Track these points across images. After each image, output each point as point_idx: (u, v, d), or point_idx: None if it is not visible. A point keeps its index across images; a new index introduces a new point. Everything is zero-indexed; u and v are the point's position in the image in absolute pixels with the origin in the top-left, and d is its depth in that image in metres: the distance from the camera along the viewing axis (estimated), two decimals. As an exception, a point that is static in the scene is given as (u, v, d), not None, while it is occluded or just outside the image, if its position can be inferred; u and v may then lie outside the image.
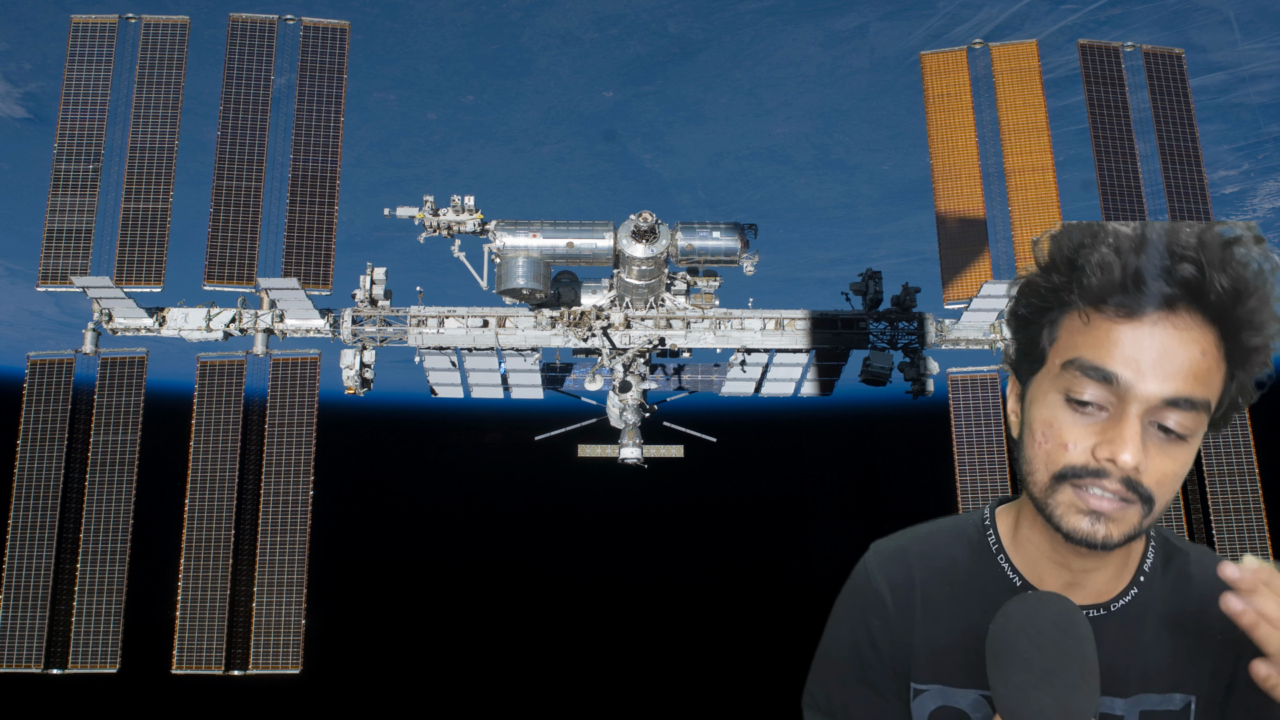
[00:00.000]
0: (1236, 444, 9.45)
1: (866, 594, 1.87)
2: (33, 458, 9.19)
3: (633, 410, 9.14)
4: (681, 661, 26.34)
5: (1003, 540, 1.81)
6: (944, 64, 10.19)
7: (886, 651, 1.83)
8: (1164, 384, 1.47)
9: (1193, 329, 1.47)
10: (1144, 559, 1.77)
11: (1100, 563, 1.69)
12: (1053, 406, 1.56)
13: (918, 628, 1.81)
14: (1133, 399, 1.48)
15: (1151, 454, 1.50)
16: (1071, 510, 1.54)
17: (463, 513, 38.34)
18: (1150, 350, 1.47)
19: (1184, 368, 1.47)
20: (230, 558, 9.06)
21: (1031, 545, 1.75)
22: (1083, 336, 1.53)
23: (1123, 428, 1.48)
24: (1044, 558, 1.73)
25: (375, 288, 9.55)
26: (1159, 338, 1.47)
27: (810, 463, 43.27)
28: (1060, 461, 1.54)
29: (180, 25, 9.73)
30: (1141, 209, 9.70)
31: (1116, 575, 1.74)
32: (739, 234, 8.63)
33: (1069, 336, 1.55)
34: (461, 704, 24.50)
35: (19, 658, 8.91)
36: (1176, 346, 1.47)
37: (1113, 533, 1.53)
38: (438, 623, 28.59)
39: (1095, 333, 1.51)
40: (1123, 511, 1.52)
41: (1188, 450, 1.53)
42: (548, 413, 10.58)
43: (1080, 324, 1.54)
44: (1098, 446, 1.50)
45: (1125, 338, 1.48)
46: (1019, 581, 1.76)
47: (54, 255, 9.24)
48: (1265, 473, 9.39)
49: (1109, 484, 1.50)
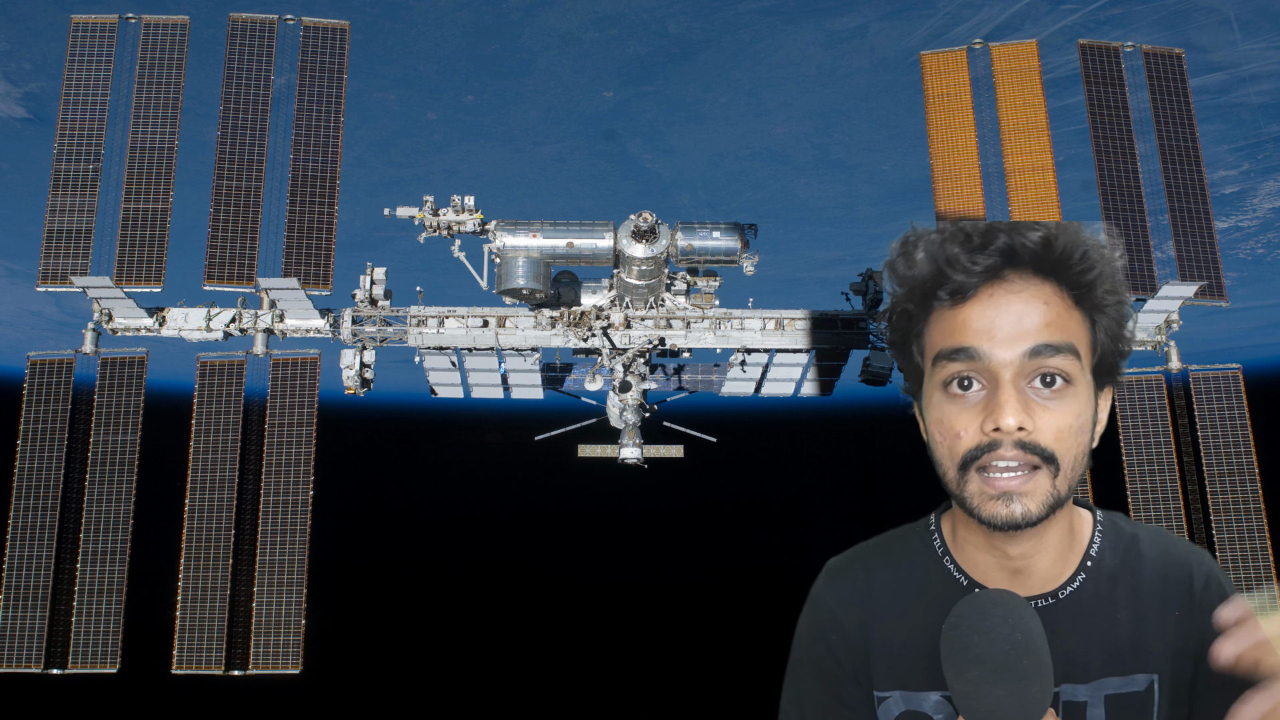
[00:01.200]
0: (1236, 444, 9.45)
1: (821, 611, 1.92)
2: (33, 458, 9.19)
3: (633, 410, 9.14)
4: (681, 661, 26.34)
5: (947, 543, 1.85)
6: (944, 64, 10.19)
7: (847, 664, 1.86)
8: (1019, 342, 1.54)
9: (1028, 287, 1.57)
10: (1090, 543, 1.80)
11: (1035, 545, 1.71)
12: (939, 404, 1.63)
13: (873, 637, 1.85)
14: (998, 366, 1.55)
15: (1037, 412, 1.55)
16: (984, 499, 1.58)
17: (463, 513, 38.34)
18: (997, 317, 1.56)
19: (1034, 322, 1.55)
20: (230, 558, 9.06)
21: (970, 544, 1.79)
22: (937, 331, 1.62)
23: (998, 395, 1.54)
24: (982, 553, 1.76)
25: (375, 288, 9.55)
26: (1000, 305, 1.56)
27: (810, 463, 43.29)
28: (959, 450, 1.59)
29: (180, 25, 9.74)
30: (1141, 209, 9.70)
31: (1061, 559, 1.76)
32: (739, 234, 8.63)
33: (929, 337, 1.65)
34: (461, 704, 24.50)
35: (19, 658, 8.91)
36: (1019, 306, 1.56)
37: (1030, 507, 1.56)
38: (438, 623, 28.59)
39: (944, 324, 1.61)
40: (1030, 481, 1.56)
41: (1075, 399, 1.58)
42: (548, 413, 10.58)
43: (934, 322, 1.63)
44: (984, 422, 1.56)
45: (971, 314, 1.57)
46: (965, 580, 1.80)
47: (54, 255, 9.24)
48: (1265, 473, 9.39)
49: (1005, 452, 1.55)
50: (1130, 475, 9.42)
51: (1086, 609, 1.75)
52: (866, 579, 1.90)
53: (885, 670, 1.84)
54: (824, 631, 1.90)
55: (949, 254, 1.57)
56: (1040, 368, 1.55)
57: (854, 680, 1.87)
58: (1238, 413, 9.52)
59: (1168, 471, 9.43)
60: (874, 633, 1.85)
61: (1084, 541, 1.80)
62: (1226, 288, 9.59)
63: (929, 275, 1.60)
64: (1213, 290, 9.50)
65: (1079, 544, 1.79)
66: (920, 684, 1.81)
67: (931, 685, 1.79)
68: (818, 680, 1.90)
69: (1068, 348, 1.56)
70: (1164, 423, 9.56)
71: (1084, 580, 1.77)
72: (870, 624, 1.85)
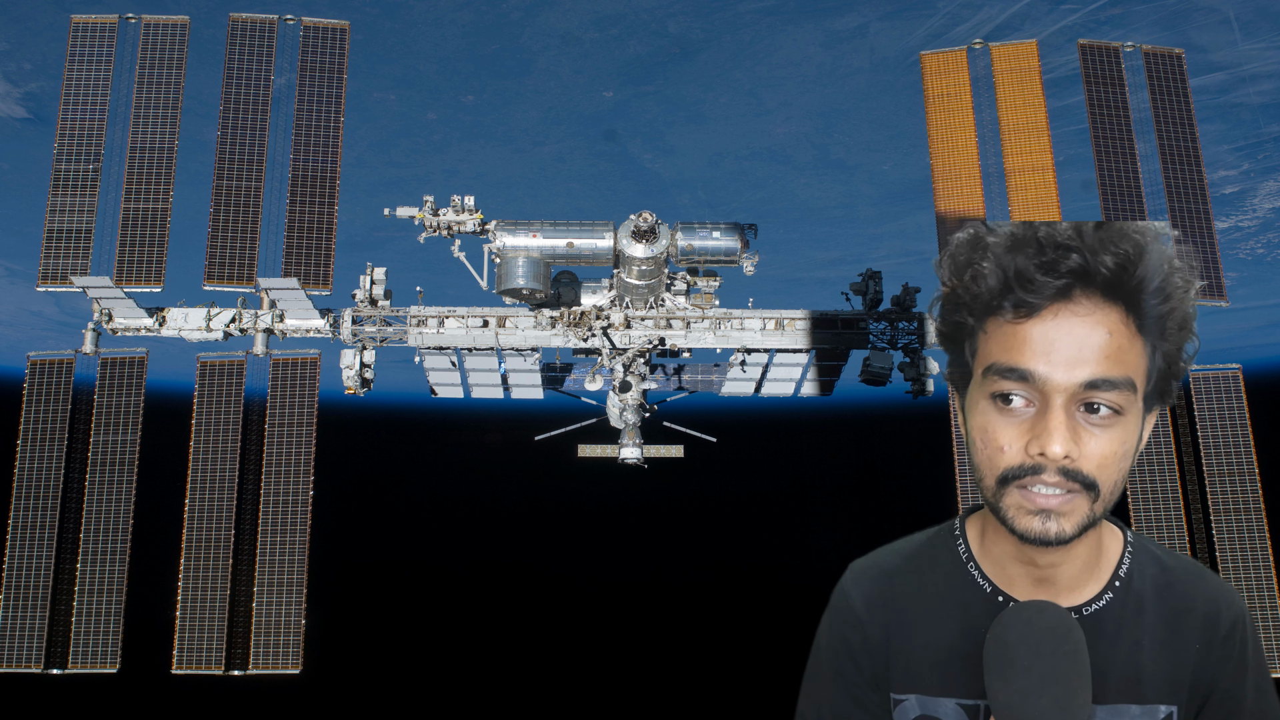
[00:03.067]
0: (1236, 444, 9.45)
1: (844, 612, 1.91)
2: (33, 458, 9.19)
3: (633, 410, 9.14)
4: (681, 662, 26.33)
5: (972, 549, 1.84)
6: (944, 64, 10.19)
7: (867, 666, 1.86)
8: (1077, 370, 1.50)
9: (1094, 312, 1.51)
10: (1119, 564, 1.78)
11: (1064, 556, 1.70)
12: (984, 413, 1.60)
13: (894, 640, 1.84)
14: (1052, 390, 1.51)
15: (1084, 440, 1.53)
16: (1021, 511, 1.57)
17: (463, 513, 38.33)
18: (1058, 340, 1.50)
19: (1095, 351, 1.50)
20: (230, 558, 9.06)
21: (998, 548, 1.78)
22: (995, 343, 1.57)
23: (1048, 420, 1.51)
24: (1010, 558, 1.75)
25: (375, 288, 9.55)
26: (1063, 327, 1.50)
27: (810, 463, 43.26)
28: (1000, 464, 1.57)
29: (180, 25, 9.73)
30: (1141, 209, 9.70)
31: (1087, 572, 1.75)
32: (739, 234, 8.62)
33: (984, 345, 1.60)
34: (461, 704, 24.50)
35: (19, 658, 8.91)
36: (1082, 332, 1.50)
37: (1065, 527, 1.55)
38: (438, 623, 28.59)
39: (1003, 337, 1.55)
40: (1069, 504, 1.55)
41: (1125, 429, 1.55)
42: (548, 413, 10.58)
43: (991, 328, 1.58)
44: (1029, 443, 1.53)
45: (1032, 334, 1.52)
46: (989, 588, 1.78)
47: (54, 255, 9.24)
48: (1265, 473, 9.38)
49: (1048, 478, 1.53)
50: (1130, 475, 9.41)
51: (1109, 630, 1.74)
52: (890, 581, 1.89)
53: (903, 673, 1.83)
54: (845, 633, 1.89)
55: (1019, 268, 1.50)
56: (1093, 398, 1.52)
57: (873, 684, 1.86)
58: (1238, 413, 9.52)
59: (1168, 471, 9.43)
60: (895, 635, 1.84)
61: (1113, 560, 1.79)
62: (1226, 288, 9.60)
63: (995, 288, 1.54)
64: (1213, 290, 9.50)
65: (1108, 562, 1.78)
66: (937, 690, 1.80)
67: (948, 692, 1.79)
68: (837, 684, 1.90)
69: (1125, 383, 1.51)
70: (1164, 423, 9.56)
71: (1110, 600, 1.75)
72: (892, 626, 1.85)
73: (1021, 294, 1.51)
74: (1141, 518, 9.27)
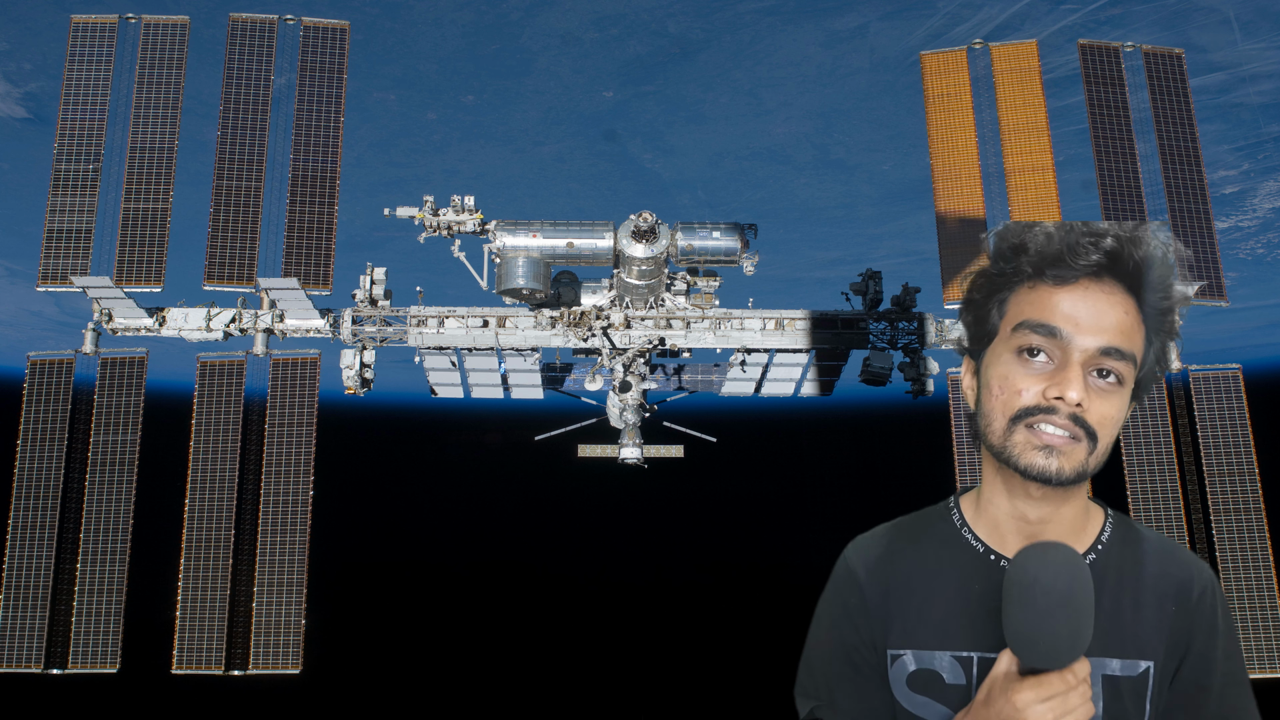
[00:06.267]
0: (1236, 444, 9.45)
1: (844, 577, 2.07)
2: (33, 458, 9.19)
3: (633, 410, 9.14)
4: (681, 662, 26.33)
5: (966, 517, 2.02)
6: (944, 64, 10.19)
7: (864, 626, 2.00)
8: (1098, 336, 1.76)
9: (1116, 293, 1.79)
10: (1102, 531, 1.98)
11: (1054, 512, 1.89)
12: (1007, 364, 1.83)
13: (893, 600, 1.98)
14: (1074, 348, 1.77)
15: (1092, 396, 1.77)
16: (1027, 448, 1.79)
17: (463, 513, 38.31)
18: (1085, 309, 1.78)
19: (1113, 324, 1.77)
20: (230, 558, 9.05)
21: (993, 506, 1.95)
22: (1029, 304, 1.82)
23: (1068, 372, 1.76)
24: (1004, 515, 1.93)
25: (375, 288, 9.54)
26: (1090, 299, 1.78)
27: (810, 463, 43.24)
28: (1015, 405, 1.80)
29: (180, 25, 9.73)
30: (1141, 209, 9.69)
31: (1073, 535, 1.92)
32: (739, 234, 8.62)
33: (1016, 307, 1.85)
34: (461, 704, 24.50)
35: (19, 658, 8.91)
36: (1105, 307, 1.78)
37: (1064, 466, 1.77)
38: (438, 623, 28.58)
39: (1039, 298, 1.81)
40: (1071, 446, 1.77)
41: (1121, 397, 1.80)
42: (548, 413, 10.58)
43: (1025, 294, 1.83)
44: (1047, 388, 1.77)
45: (1063, 300, 1.79)
46: (982, 548, 1.96)
47: (54, 255, 9.23)
48: (1265, 473, 9.38)
49: (1058, 419, 1.76)
50: (1130, 475, 9.41)
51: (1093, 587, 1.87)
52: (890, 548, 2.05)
53: (900, 631, 1.96)
54: (845, 597, 2.04)
55: (1074, 240, 1.77)
56: (1105, 364, 1.77)
57: (870, 645, 1.99)
58: (1238, 413, 9.51)
59: (1168, 471, 9.42)
60: (893, 596, 1.98)
61: (1095, 528, 1.98)
62: (1226, 288, 9.59)
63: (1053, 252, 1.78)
64: (1213, 290, 9.49)
65: (1091, 530, 1.97)
66: (933, 644, 1.93)
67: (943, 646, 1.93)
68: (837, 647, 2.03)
69: (1131, 356, 1.78)
70: (1164, 423, 9.56)
71: (1093, 560, 1.92)
72: (891, 588, 1.99)
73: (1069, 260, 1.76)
74: (1142, 518, 9.27)
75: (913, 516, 2.12)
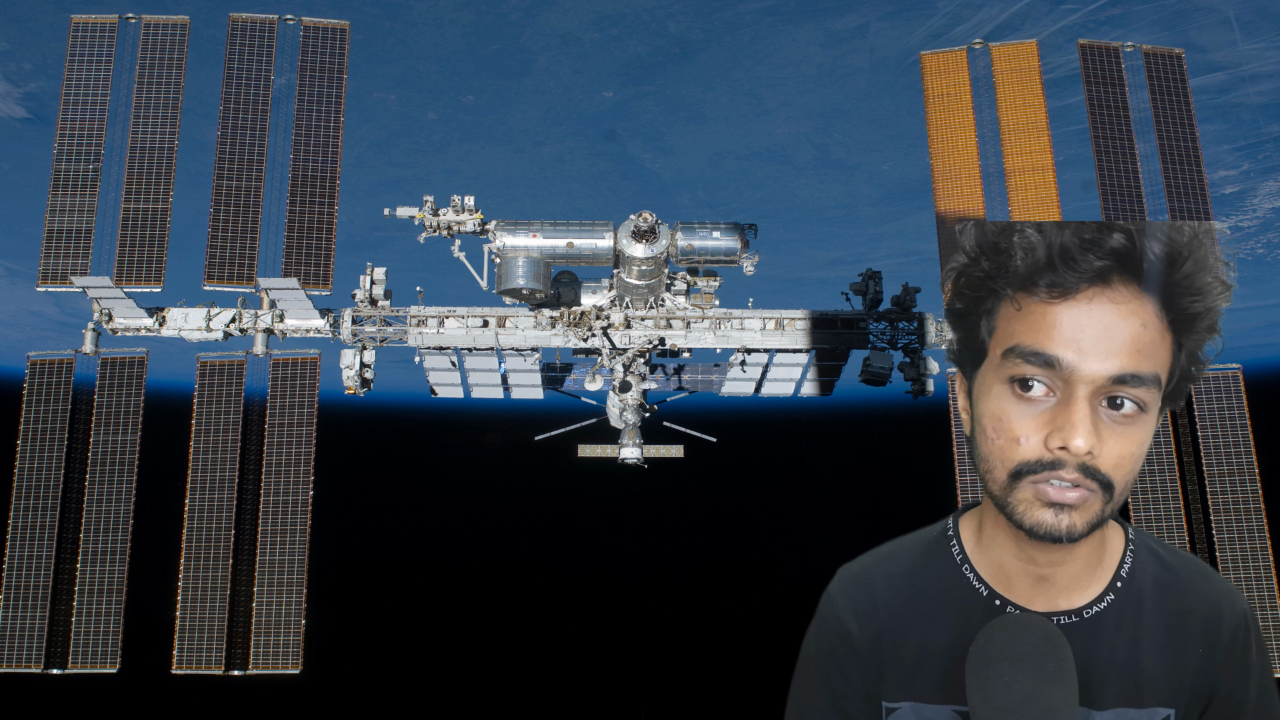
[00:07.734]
0: (1236, 444, 9.45)
1: (831, 623, 1.83)
2: (33, 458, 9.19)
3: (633, 410, 9.14)
4: (682, 662, 26.33)
5: (967, 549, 1.77)
6: (944, 64, 10.19)
7: (856, 678, 1.79)
8: (1108, 362, 1.41)
9: (1130, 301, 1.42)
10: (1121, 563, 1.71)
11: (1067, 555, 1.63)
12: (999, 399, 1.50)
13: (886, 647, 1.77)
14: (1078, 381, 1.42)
15: (1105, 436, 1.45)
16: (1033, 506, 1.49)
17: (463, 513, 38.31)
18: (1089, 328, 1.42)
19: (1127, 343, 1.42)
20: (230, 558, 9.05)
21: (997, 545, 1.70)
22: (1019, 322, 1.47)
23: (1071, 412, 1.43)
24: (1010, 556, 1.68)
25: (375, 288, 9.55)
26: (1097, 314, 1.42)
27: (810, 463, 43.23)
28: (1015, 458, 1.48)
29: (180, 25, 9.73)
30: (1141, 209, 9.69)
31: (1089, 572, 1.68)
32: (739, 234, 8.62)
33: (1006, 324, 1.50)
34: (461, 704, 24.50)
35: (19, 658, 8.91)
36: (1116, 321, 1.42)
37: (1076, 522, 1.48)
38: (438, 623, 28.58)
39: (1031, 317, 1.46)
40: (1084, 500, 1.47)
41: (1143, 427, 1.48)
42: (548, 413, 10.57)
43: (1015, 308, 1.48)
44: (1049, 436, 1.45)
45: (1062, 318, 1.43)
46: (985, 591, 1.71)
47: (54, 255, 9.23)
48: (1265, 473, 9.38)
49: (1066, 474, 1.45)
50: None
51: (1110, 632, 1.68)
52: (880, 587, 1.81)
53: (896, 681, 1.77)
54: (833, 645, 1.82)
55: (1063, 243, 1.41)
56: (1119, 392, 1.44)
57: (863, 695, 1.80)
58: (1238, 413, 9.51)
59: (1168, 471, 9.42)
60: (886, 643, 1.77)
61: (1115, 558, 1.72)
62: (1226, 288, 9.58)
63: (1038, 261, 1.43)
64: (1213, 290, 9.48)
65: (1110, 560, 1.71)
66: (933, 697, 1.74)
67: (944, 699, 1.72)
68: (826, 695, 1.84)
69: (1152, 379, 1.44)
70: (1164, 423, 9.54)
71: (1112, 601, 1.68)
72: (882, 634, 1.77)
73: (1062, 269, 1.41)
74: (1141, 518, 9.26)
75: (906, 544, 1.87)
